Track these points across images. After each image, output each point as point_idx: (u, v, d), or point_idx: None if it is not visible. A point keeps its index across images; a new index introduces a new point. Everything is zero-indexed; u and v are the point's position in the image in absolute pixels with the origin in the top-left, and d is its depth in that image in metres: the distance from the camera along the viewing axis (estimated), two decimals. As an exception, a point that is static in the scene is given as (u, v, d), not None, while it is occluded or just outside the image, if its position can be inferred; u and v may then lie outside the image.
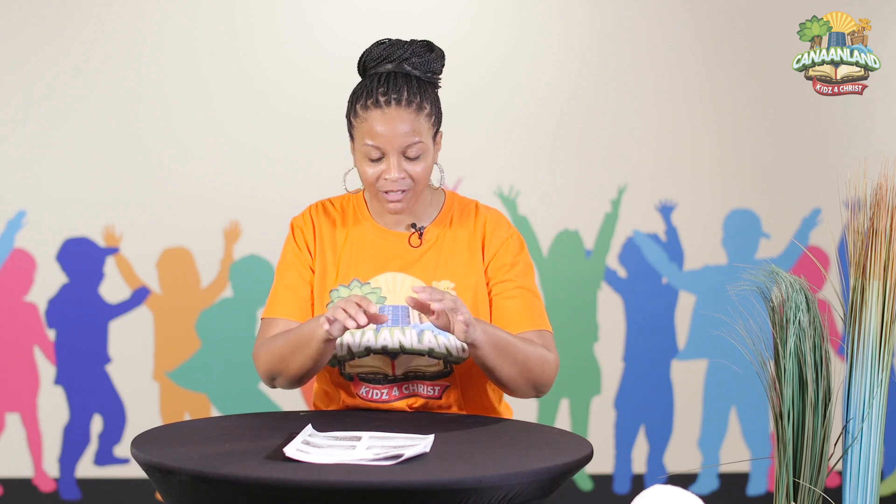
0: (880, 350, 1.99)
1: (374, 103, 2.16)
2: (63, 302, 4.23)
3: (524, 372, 2.17)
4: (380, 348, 2.21)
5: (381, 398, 2.23)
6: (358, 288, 2.24)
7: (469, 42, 4.28)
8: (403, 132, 2.15)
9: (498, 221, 2.31)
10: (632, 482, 4.42)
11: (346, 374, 2.24)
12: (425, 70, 2.22)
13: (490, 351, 2.11)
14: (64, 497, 4.24)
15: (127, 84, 4.22)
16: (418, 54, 2.22)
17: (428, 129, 2.19)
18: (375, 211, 2.31)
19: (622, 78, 4.37)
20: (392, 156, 2.16)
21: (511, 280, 2.26)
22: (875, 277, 1.99)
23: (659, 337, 4.41)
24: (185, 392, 4.28)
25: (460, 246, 2.28)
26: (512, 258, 2.28)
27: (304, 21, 4.27)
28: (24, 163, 4.20)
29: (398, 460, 1.78)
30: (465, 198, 2.35)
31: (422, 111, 2.18)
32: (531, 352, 2.18)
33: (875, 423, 1.99)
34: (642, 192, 4.37)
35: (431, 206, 2.31)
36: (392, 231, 2.29)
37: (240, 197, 4.25)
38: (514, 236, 2.30)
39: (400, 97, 2.16)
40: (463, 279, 2.25)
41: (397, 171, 2.16)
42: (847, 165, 2.09)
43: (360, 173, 2.22)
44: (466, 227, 2.29)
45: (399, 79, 2.18)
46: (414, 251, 2.27)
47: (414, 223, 2.29)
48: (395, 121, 2.15)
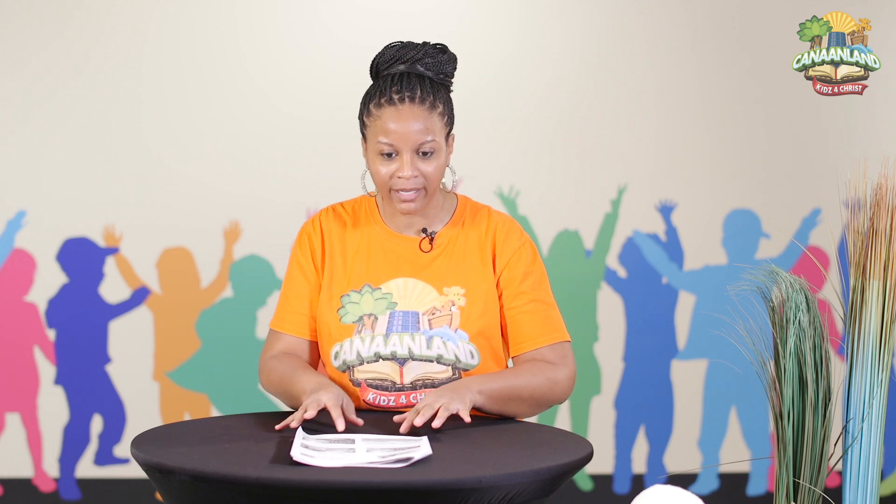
0: (880, 350, 1.99)
1: (388, 101, 2.17)
2: (63, 302, 4.23)
3: (532, 405, 2.21)
4: (389, 354, 2.21)
5: (389, 404, 2.23)
6: (370, 293, 2.25)
7: (469, 42, 4.28)
8: (417, 129, 2.16)
9: (510, 229, 2.30)
10: (632, 482, 4.42)
11: (354, 380, 2.25)
12: (438, 71, 2.23)
13: (493, 405, 2.16)
14: (64, 497, 4.24)
15: (127, 84, 4.22)
16: (431, 55, 2.22)
17: (441, 128, 2.19)
18: (387, 214, 2.30)
19: (622, 78, 4.37)
20: (405, 153, 2.16)
21: (525, 293, 2.26)
22: (875, 277, 1.99)
23: (659, 337, 4.41)
24: (185, 392, 4.28)
25: (471, 251, 2.27)
26: (525, 268, 2.27)
27: (304, 21, 4.27)
28: (24, 163, 4.20)
29: (407, 463, 1.78)
30: (478, 203, 2.35)
31: (435, 110, 2.18)
32: (539, 383, 2.20)
33: (875, 423, 1.99)
34: (642, 192, 4.37)
35: (443, 209, 2.30)
36: (403, 235, 2.29)
37: (240, 197, 4.25)
38: (526, 245, 2.29)
39: (413, 95, 2.17)
40: (473, 285, 2.25)
41: (410, 169, 2.16)
42: (847, 165, 2.08)
43: (372, 173, 2.22)
44: (478, 233, 2.28)
45: (412, 78, 2.19)
46: (425, 256, 2.27)
47: (425, 228, 2.28)
48: (409, 118, 2.16)
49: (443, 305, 2.22)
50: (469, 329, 2.22)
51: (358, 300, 2.24)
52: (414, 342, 2.21)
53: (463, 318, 2.21)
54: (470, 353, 2.22)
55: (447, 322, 2.22)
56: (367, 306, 2.23)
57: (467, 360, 2.22)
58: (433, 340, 2.21)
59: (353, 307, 2.24)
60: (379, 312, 2.23)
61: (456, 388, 2.12)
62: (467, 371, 2.23)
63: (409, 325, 2.21)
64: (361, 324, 2.22)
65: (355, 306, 2.24)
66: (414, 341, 2.21)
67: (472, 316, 2.22)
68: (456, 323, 2.21)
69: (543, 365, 2.23)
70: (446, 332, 2.21)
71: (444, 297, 2.23)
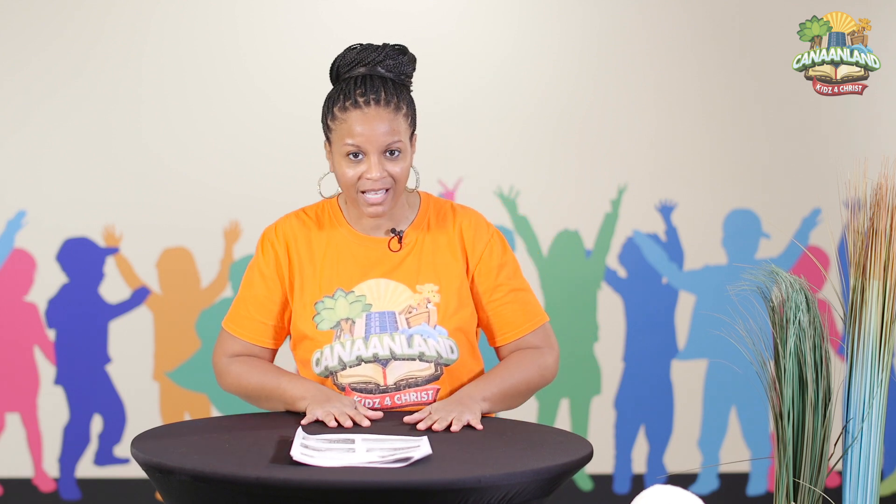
0: (880, 350, 1.99)
1: (353, 104, 2.18)
2: (63, 302, 4.23)
3: (528, 395, 2.30)
4: (371, 356, 2.22)
5: (374, 407, 2.24)
6: (343, 298, 2.25)
7: (469, 42, 4.28)
8: (383, 131, 2.18)
9: (477, 223, 2.32)
10: (632, 482, 4.42)
11: (338, 384, 2.25)
12: (398, 73, 2.24)
13: (496, 407, 2.25)
14: (64, 497, 4.24)
15: (127, 84, 4.22)
16: (391, 57, 2.24)
17: (405, 129, 2.22)
18: (352, 217, 2.31)
19: (622, 78, 4.36)
20: (372, 155, 2.18)
21: (503, 284, 2.30)
22: (875, 277, 1.99)
23: (659, 337, 4.41)
24: (185, 392, 4.28)
25: (441, 248, 2.29)
26: (499, 260, 2.30)
27: (304, 21, 4.27)
28: (24, 163, 4.20)
29: (407, 463, 1.78)
30: (440, 198, 2.37)
31: (399, 111, 2.20)
32: (531, 374, 2.28)
33: (875, 423, 1.99)
34: (642, 192, 4.37)
35: (408, 208, 2.32)
36: (371, 237, 2.29)
37: (240, 197, 4.25)
38: (495, 236, 2.32)
39: (378, 97, 2.18)
40: (446, 281, 2.27)
41: (378, 171, 2.18)
42: (847, 165, 2.09)
43: (338, 176, 2.23)
44: (445, 229, 2.31)
45: (375, 80, 2.21)
46: (395, 256, 2.28)
47: (393, 228, 2.29)
48: (375, 120, 2.17)
49: (419, 303, 2.24)
50: (447, 325, 2.24)
51: (332, 305, 2.25)
52: (394, 342, 2.22)
53: (440, 314, 2.24)
54: (450, 349, 2.25)
55: (425, 319, 2.24)
56: (343, 311, 2.24)
57: (448, 356, 2.24)
58: (413, 339, 2.23)
59: (328, 313, 2.24)
60: (355, 316, 2.24)
61: (461, 401, 2.16)
62: (448, 367, 2.25)
63: (386, 325, 2.23)
64: (340, 329, 2.23)
65: (330, 312, 2.24)
66: (394, 341, 2.22)
67: (448, 311, 2.25)
68: (434, 319, 2.24)
69: (530, 354, 2.29)
70: (426, 330, 2.23)
71: (418, 294, 2.25)
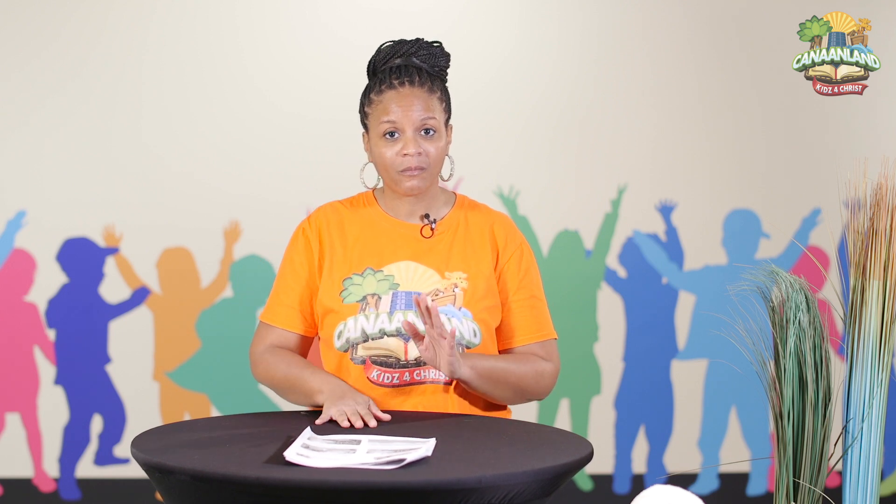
0: (880, 350, 1.99)
1: (389, 86, 2.27)
2: (63, 302, 4.23)
3: (518, 392, 2.29)
4: (394, 330, 2.25)
5: (393, 382, 2.26)
6: (372, 275, 2.29)
7: (469, 42, 4.28)
8: (418, 108, 2.26)
9: (511, 227, 2.39)
10: (632, 482, 4.42)
11: (356, 358, 2.26)
12: (432, 64, 2.32)
13: (480, 384, 2.23)
14: (64, 497, 4.24)
15: (127, 84, 4.22)
16: (425, 48, 2.32)
17: (441, 111, 2.30)
18: (388, 206, 2.36)
19: (622, 78, 4.37)
20: (408, 131, 2.25)
21: (524, 288, 2.34)
22: (875, 277, 1.99)
23: (659, 337, 4.41)
24: (185, 392, 4.28)
25: (473, 240, 2.34)
26: (527, 265, 2.36)
27: (304, 21, 4.27)
28: (24, 163, 4.20)
29: (400, 465, 1.78)
30: (475, 200, 2.42)
31: (434, 94, 2.29)
32: (526, 372, 2.28)
33: (875, 423, 1.99)
34: (642, 192, 4.37)
35: (444, 204, 2.38)
36: (404, 222, 2.34)
37: (240, 197, 4.25)
38: (525, 244, 2.39)
39: (413, 79, 2.28)
40: (475, 270, 2.31)
41: (414, 146, 2.25)
42: (847, 165, 2.09)
43: (376, 157, 2.29)
44: (478, 225, 2.36)
45: (410, 67, 2.29)
46: (426, 242, 2.33)
47: (427, 214, 2.34)
48: (410, 97, 2.26)
49: (446, 287, 2.29)
50: (473, 308, 2.28)
51: (360, 282, 2.29)
52: (419, 319, 2.23)
53: (467, 298, 2.28)
54: (473, 332, 2.27)
55: (451, 302, 2.28)
56: (370, 287, 2.28)
57: (470, 338, 2.27)
58: None
59: (355, 288, 2.29)
60: (382, 292, 2.28)
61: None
62: (469, 349, 2.27)
63: (412, 303, 2.26)
64: (365, 303, 2.27)
65: (358, 287, 2.29)
66: (419, 318, 2.23)
67: (475, 296, 2.28)
68: (460, 302, 2.28)
69: (533, 357, 2.32)
70: (451, 310, 2.27)
71: (446, 280, 2.29)
